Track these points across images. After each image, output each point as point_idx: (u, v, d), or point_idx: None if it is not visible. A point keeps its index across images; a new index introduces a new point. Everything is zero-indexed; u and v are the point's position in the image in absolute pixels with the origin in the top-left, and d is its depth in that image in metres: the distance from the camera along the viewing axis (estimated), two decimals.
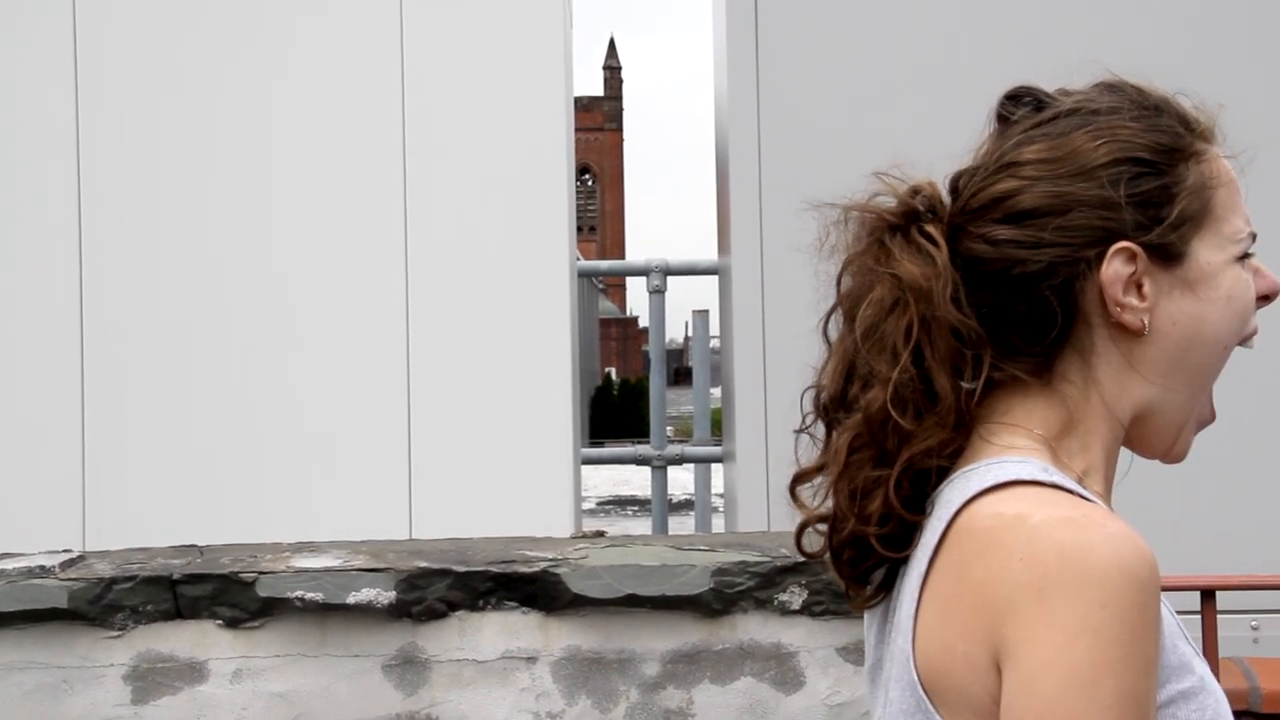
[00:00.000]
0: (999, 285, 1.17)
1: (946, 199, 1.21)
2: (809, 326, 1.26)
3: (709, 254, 6.12)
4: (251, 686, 2.92)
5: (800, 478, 1.23)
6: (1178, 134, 1.20)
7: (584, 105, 74.07)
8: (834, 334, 1.23)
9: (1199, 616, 2.88)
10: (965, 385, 1.16)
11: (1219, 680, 3.00)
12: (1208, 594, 2.91)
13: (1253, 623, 3.85)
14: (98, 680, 2.92)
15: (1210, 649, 2.85)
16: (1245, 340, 1.23)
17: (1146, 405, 1.20)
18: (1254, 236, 1.22)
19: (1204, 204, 1.19)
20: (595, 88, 79.07)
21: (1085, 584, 1.03)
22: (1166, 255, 1.18)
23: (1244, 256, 1.21)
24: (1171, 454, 1.25)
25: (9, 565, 2.98)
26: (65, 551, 3.14)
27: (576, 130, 5.78)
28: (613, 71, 79.34)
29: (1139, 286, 1.17)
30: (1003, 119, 1.24)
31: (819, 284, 1.23)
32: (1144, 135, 1.19)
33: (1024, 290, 1.17)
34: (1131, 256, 1.16)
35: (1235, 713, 3.25)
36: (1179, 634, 1.14)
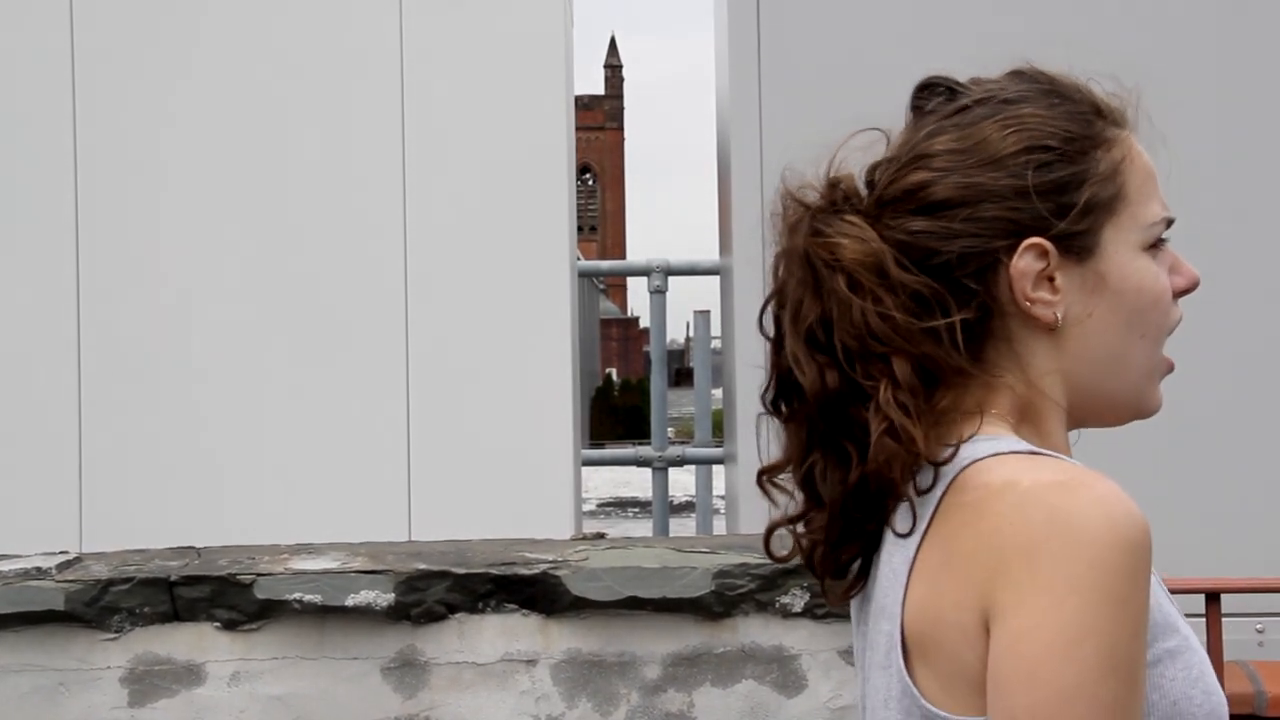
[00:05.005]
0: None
1: (864, 191, 1.21)
2: None
3: (710, 254, 6.11)
4: (249, 689, 2.91)
5: (772, 470, 1.22)
6: (1088, 120, 1.20)
7: (585, 104, 74.15)
8: (769, 327, 1.22)
9: (1203, 619, 2.86)
10: (955, 319, 1.15)
11: (1223, 685, 2.98)
12: (1212, 596, 2.90)
13: (1258, 625, 3.84)
14: (94, 683, 2.91)
15: (1215, 652, 2.83)
16: (1170, 329, 1.23)
17: (1082, 389, 1.20)
18: (1169, 222, 1.22)
19: (1116, 190, 1.19)
20: (596, 87, 79.18)
21: (1074, 545, 1.02)
22: (1078, 248, 1.18)
23: (1159, 243, 1.21)
24: (1144, 414, 1.24)
25: (5, 567, 2.97)
26: (62, 553, 3.13)
27: (577, 129, 5.77)
28: (613, 70, 79.43)
29: (1050, 280, 1.17)
30: (917, 110, 1.24)
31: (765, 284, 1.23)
32: (1053, 123, 1.19)
33: (938, 280, 1.16)
34: (1043, 252, 1.16)
35: (1240, 717, 3.24)
36: (1162, 593, 1.13)
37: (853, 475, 1.15)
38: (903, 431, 1.12)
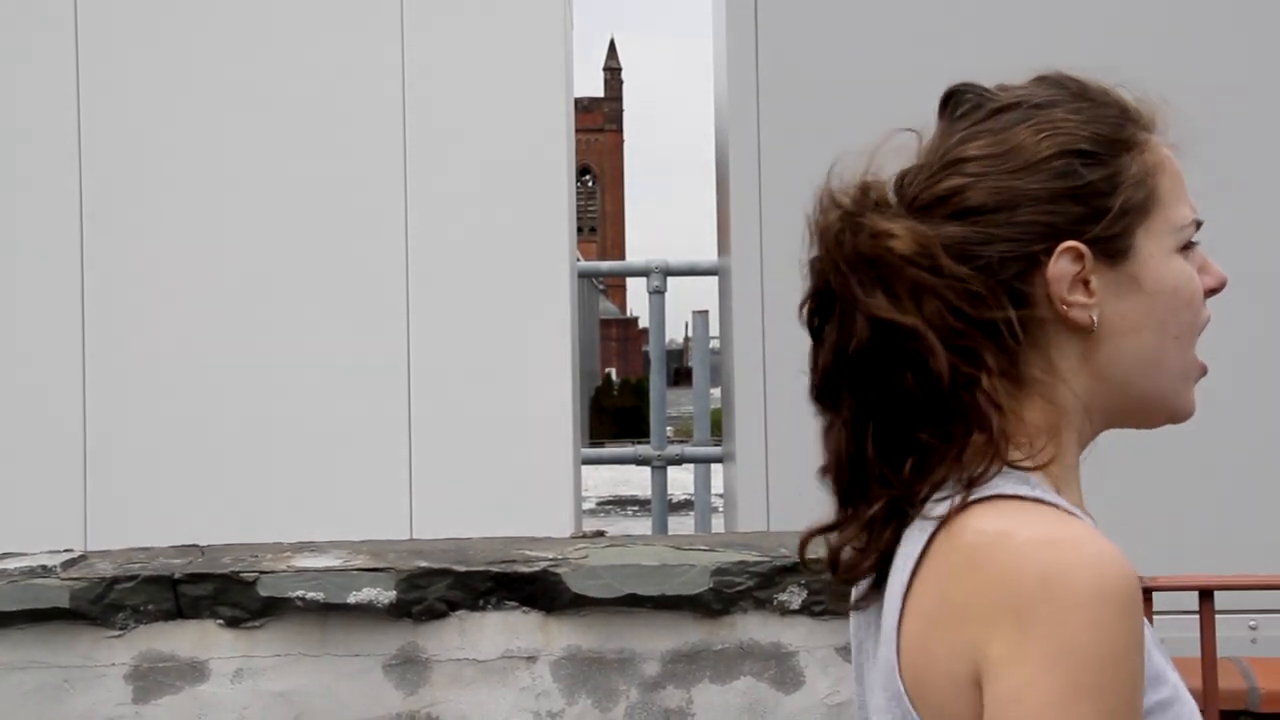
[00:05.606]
0: None
1: (893, 199, 1.21)
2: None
3: (709, 254, 6.12)
4: (252, 686, 2.93)
5: (819, 532, 1.22)
6: (1118, 124, 1.21)
7: (584, 106, 74.13)
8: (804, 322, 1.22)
9: (1197, 616, 2.88)
10: (1010, 314, 1.15)
11: (1218, 681, 2.99)
12: (1206, 594, 2.91)
13: (1251, 623, 3.86)
14: (99, 680, 2.93)
15: (1208, 649, 2.85)
16: (1201, 330, 1.23)
17: (1117, 393, 1.20)
18: (1199, 224, 1.22)
19: (1148, 193, 1.19)
20: (596, 89, 79.17)
21: (1067, 607, 1.03)
22: (1113, 251, 1.18)
23: (1190, 245, 1.22)
24: (1178, 417, 1.24)
25: (11, 565, 2.99)
26: (67, 551, 3.15)
27: (577, 131, 5.78)
28: (613, 73, 79.41)
29: (1085, 283, 1.17)
30: (945, 117, 1.24)
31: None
32: (1085, 127, 1.19)
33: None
34: (1078, 256, 1.16)
35: (1234, 713, 3.26)
36: (1153, 643, 1.14)
37: (946, 453, 1.13)
38: (1004, 407, 1.14)
